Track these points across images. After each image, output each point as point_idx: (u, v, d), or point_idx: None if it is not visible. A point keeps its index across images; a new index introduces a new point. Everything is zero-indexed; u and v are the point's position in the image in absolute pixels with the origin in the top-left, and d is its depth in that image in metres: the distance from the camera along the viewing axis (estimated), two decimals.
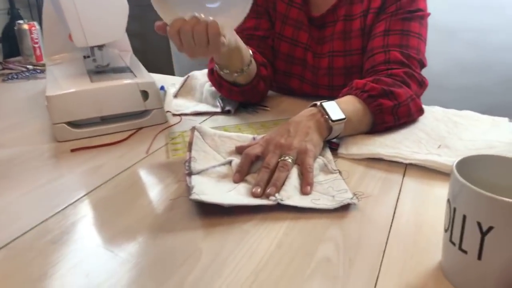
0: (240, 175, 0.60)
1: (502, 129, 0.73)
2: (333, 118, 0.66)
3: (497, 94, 1.82)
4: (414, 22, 0.79)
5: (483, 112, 0.80)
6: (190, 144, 0.65)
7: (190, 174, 0.59)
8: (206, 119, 0.85)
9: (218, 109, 0.88)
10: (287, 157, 0.60)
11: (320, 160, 0.63)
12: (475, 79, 1.85)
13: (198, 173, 0.59)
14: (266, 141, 0.64)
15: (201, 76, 0.99)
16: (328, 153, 0.67)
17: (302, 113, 0.69)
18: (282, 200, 0.53)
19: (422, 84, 0.77)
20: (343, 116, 0.67)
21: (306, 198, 0.55)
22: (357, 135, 0.72)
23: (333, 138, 0.70)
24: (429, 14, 0.82)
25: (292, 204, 0.53)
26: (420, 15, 0.80)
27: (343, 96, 0.74)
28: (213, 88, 0.92)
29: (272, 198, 0.53)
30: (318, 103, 0.69)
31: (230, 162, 0.62)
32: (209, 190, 0.55)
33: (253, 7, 0.88)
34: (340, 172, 0.61)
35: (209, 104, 0.92)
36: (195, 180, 0.57)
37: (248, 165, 0.61)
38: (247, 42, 0.87)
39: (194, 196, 0.51)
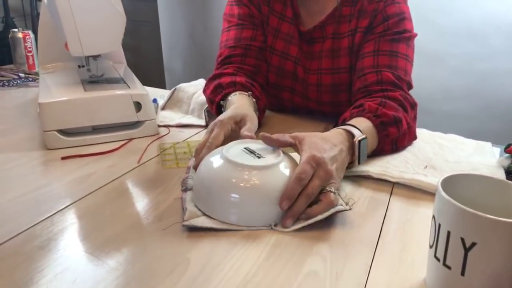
0: (289, 201, 0.53)
1: (486, 153, 0.76)
2: (359, 162, 0.66)
3: (480, 120, 1.87)
4: (401, 44, 0.81)
5: (466, 136, 0.82)
6: (188, 168, 0.66)
7: (186, 190, 0.60)
8: (194, 135, 0.85)
9: (203, 122, 0.89)
10: (332, 189, 0.55)
11: None
12: (459, 105, 1.90)
13: (192, 188, 0.60)
14: (316, 161, 0.55)
15: (188, 88, 1.00)
16: None
17: (343, 144, 0.63)
18: (275, 225, 0.54)
19: (414, 106, 0.78)
20: (364, 159, 0.67)
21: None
22: None
23: None
24: (415, 35, 0.84)
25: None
26: (407, 36, 0.82)
27: (352, 117, 0.72)
28: (201, 99, 0.93)
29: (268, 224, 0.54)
30: (357, 141, 0.64)
31: None
32: (202, 209, 0.55)
33: (250, 19, 0.90)
34: None
35: (195, 116, 0.93)
36: (188, 197, 0.58)
37: (298, 191, 0.54)
38: (245, 53, 0.88)
39: (186, 223, 0.52)
